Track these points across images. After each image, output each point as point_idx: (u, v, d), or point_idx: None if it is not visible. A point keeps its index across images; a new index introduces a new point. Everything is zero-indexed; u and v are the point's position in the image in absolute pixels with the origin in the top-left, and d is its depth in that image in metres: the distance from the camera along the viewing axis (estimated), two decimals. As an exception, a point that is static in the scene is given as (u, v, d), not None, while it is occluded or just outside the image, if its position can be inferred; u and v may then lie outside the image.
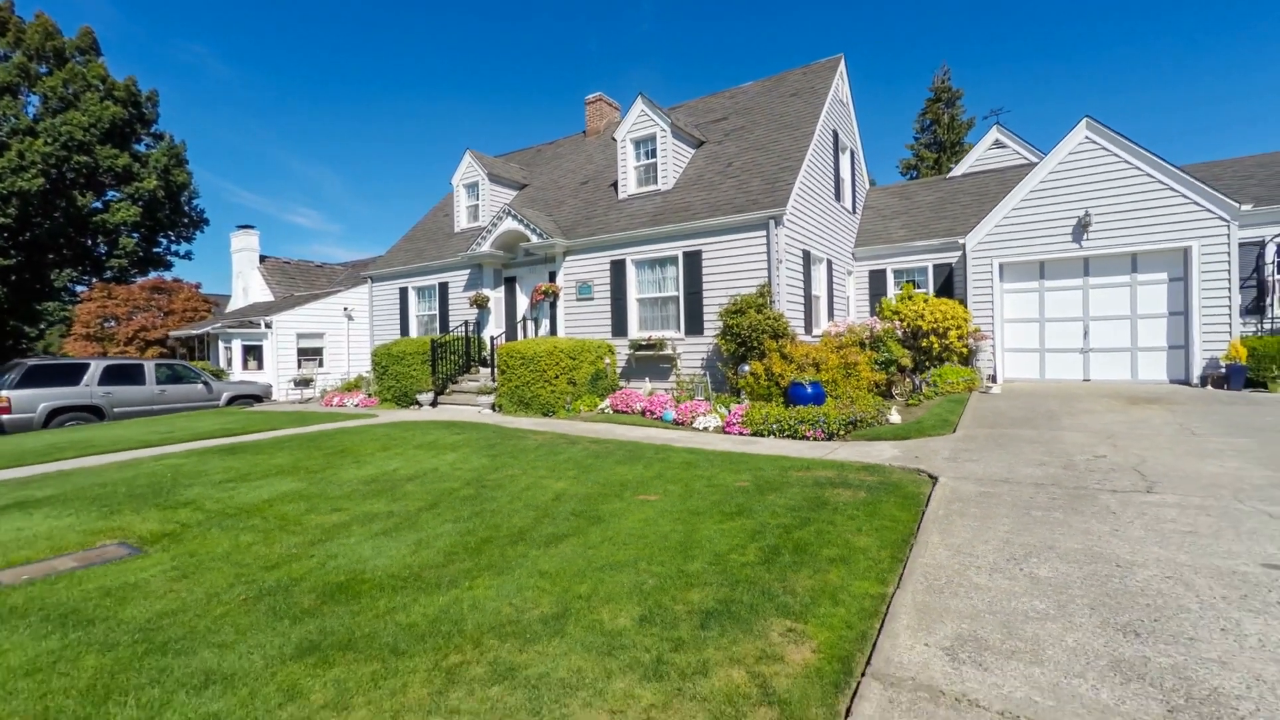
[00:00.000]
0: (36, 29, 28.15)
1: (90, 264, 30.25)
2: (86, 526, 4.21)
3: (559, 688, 2.09)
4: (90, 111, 27.47)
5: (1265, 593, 2.59)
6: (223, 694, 2.11)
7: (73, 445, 7.97)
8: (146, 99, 31.48)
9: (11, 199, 25.46)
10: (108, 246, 30.43)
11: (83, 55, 29.68)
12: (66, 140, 26.72)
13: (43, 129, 26.29)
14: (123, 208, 29.24)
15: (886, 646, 2.30)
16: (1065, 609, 2.53)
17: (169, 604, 2.88)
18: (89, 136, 27.39)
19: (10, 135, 25.92)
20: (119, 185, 29.67)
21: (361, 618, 2.68)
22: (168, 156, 31.16)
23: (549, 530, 3.81)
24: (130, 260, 30.58)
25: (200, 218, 34.64)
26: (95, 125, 27.55)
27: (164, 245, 33.31)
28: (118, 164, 28.67)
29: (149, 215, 30.59)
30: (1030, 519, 3.66)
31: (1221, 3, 54.31)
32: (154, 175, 30.08)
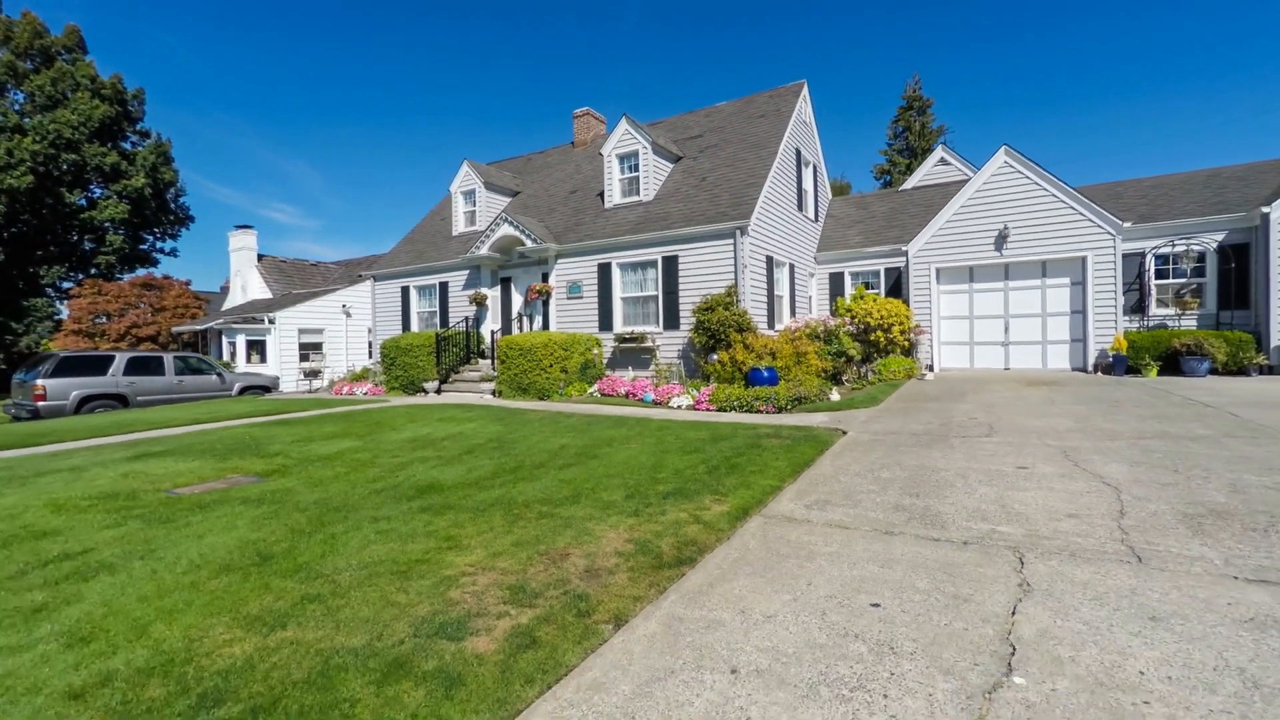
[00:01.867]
0: (25, 27, 28.81)
1: (77, 261, 30.93)
2: (211, 466, 5.73)
3: (579, 520, 3.73)
4: (80, 110, 28.23)
5: (1007, 478, 4.33)
6: (385, 525, 3.71)
7: (137, 422, 9.37)
8: (133, 97, 32.21)
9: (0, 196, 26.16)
10: (95, 243, 31.14)
11: (69, 53, 30.37)
12: (55, 138, 27.48)
13: (32, 127, 27.01)
14: (110, 205, 30.00)
15: (770, 504, 3.99)
16: (885, 488, 4.25)
17: (320, 495, 4.47)
18: (78, 135, 28.16)
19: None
20: (107, 183, 30.43)
21: (449, 499, 4.29)
22: (155, 154, 31.94)
23: (560, 463, 5.44)
24: (118, 257, 31.32)
25: (186, 215, 35.40)
26: (85, 124, 28.32)
27: (150, 242, 34.05)
28: (106, 162, 29.45)
29: (136, 212, 31.35)
30: (896, 451, 5.39)
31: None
32: (142, 173, 30.87)
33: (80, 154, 28.55)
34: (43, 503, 4.52)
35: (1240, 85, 63.48)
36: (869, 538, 3.29)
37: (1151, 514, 3.44)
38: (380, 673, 2.09)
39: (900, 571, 2.82)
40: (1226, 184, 12.29)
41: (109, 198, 30.25)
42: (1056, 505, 3.68)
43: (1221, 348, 9.95)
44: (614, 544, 3.29)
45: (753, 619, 2.42)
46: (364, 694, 1.98)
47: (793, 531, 3.45)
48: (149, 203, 32.01)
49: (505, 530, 3.59)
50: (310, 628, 2.44)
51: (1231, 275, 10.94)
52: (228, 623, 2.51)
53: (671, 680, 2.02)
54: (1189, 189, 12.61)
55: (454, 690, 1.98)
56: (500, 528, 3.63)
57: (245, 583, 2.92)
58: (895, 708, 1.81)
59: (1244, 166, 12.74)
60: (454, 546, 3.33)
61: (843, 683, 1.95)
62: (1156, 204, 12.25)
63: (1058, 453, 5.02)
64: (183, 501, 4.47)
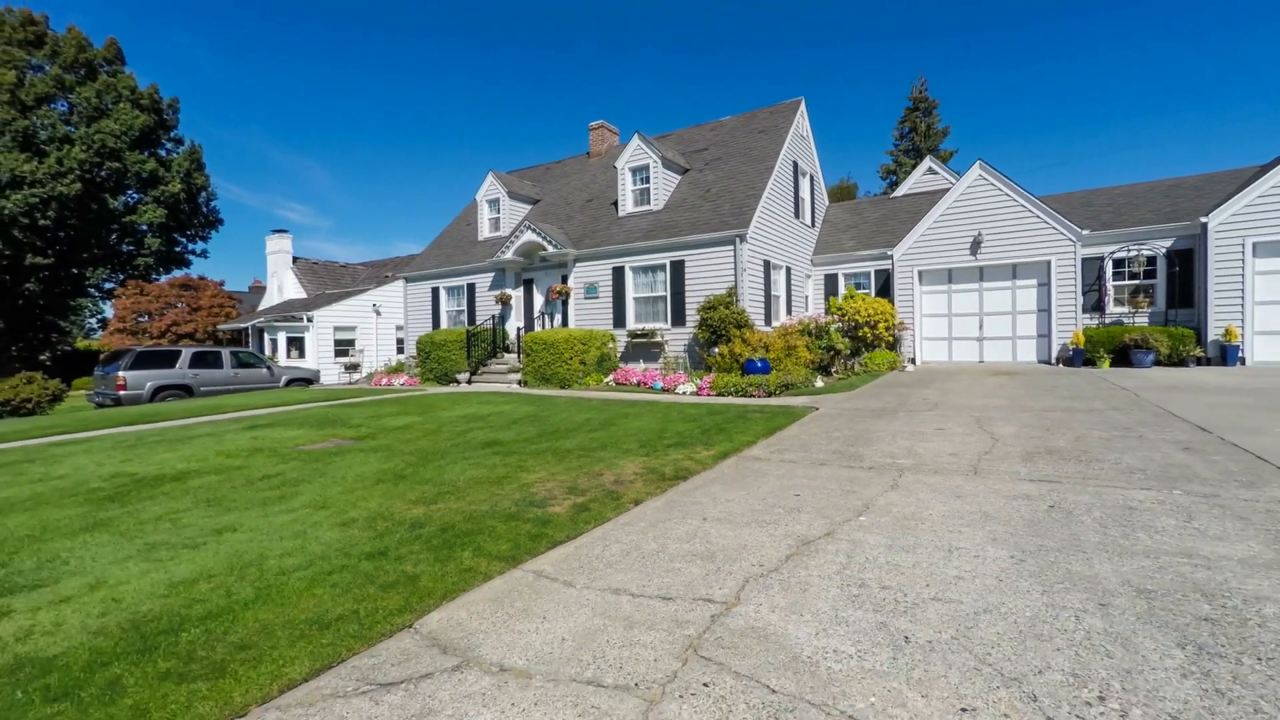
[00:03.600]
0: (69, 41, 30.92)
1: (119, 263, 33.08)
2: (314, 433, 7.42)
3: (607, 458, 5.35)
4: (121, 120, 30.30)
5: (925, 435, 5.88)
6: (471, 461, 5.35)
7: (224, 405, 11.15)
8: (168, 106, 34.30)
9: (51, 203, 28.26)
10: (134, 246, 33.27)
11: (109, 65, 32.48)
12: (100, 148, 29.58)
13: (79, 137, 29.11)
14: (149, 209, 32.09)
15: (745, 451, 5.58)
16: (831, 442, 5.82)
17: (413, 448, 6.13)
18: (120, 144, 30.24)
19: (48, 143, 28.75)
20: (145, 189, 32.51)
21: (509, 448, 5.92)
22: (189, 161, 34.03)
23: (587, 429, 7.06)
24: (155, 259, 33.46)
25: (216, 218, 37.48)
26: (126, 133, 30.40)
27: (183, 244, 36.18)
28: (145, 168, 31.54)
29: (172, 216, 33.44)
30: (851, 421, 6.96)
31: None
32: (177, 179, 32.94)
33: (122, 161, 30.65)
34: (213, 453, 6.23)
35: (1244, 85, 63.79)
36: (807, 466, 4.88)
37: (1006, 453, 5.00)
38: (503, 518, 3.72)
39: (820, 482, 4.41)
40: (1185, 194, 13.65)
41: (147, 203, 32.33)
42: (946, 449, 5.24)
43: (1164, 342, 11.37)
44: (632, 470, 4.91)
45: (719, 501, 4.02)
46: (497, 525, 3.61)
47: (756, 465, 5.05)
48: (183, 207, 34.11)
49: (556, 463, 5.22)
50: (451, 504, 4.08)
51: (1177, 277, 12.33)
52: (400, 503, 4.16)
53: (667, 522, 3.63)
54: (1152, 197, 13.98)
55: (546, 525, 3.60)
56: (552, 462, 5.26)
57: (396, 486, 4.58)
58: (791, 528, 3.41)
59: (1203, 177, 14.08)
60: (523, 470, 4.96)
61: (767, 522, 3.56)
62: (1120, 211, 13.64)
63: (974, 420, 6.57)
64: (314, 453, 6.16)
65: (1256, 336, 11.18)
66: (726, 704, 1.82)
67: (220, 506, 4.20)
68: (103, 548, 3.43)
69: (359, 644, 2.27)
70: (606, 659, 2.10)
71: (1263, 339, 11.17)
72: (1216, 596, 2.37)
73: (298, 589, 2.76)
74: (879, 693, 1.84)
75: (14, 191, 26.46)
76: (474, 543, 3.29)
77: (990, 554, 2.89)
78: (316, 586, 2.78)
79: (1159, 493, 3.73)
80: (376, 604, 2.58)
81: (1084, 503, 3.60)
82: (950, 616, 2.30)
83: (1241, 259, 11.20)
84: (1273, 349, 11.11)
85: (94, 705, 1.92)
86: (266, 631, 2.37)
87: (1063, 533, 3.12)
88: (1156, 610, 2.28)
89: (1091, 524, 3.23)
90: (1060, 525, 3.24)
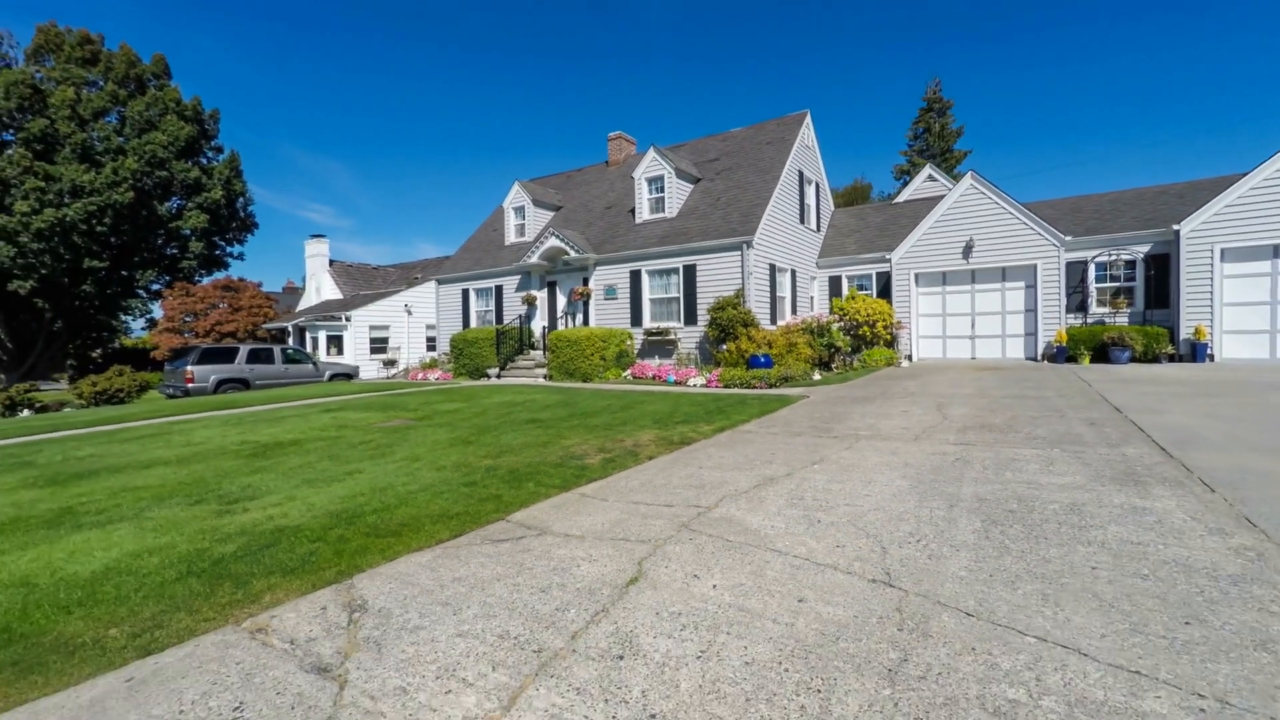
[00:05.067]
0: (121, 58, 33.18)
1: (165, 266, 35.31)
2: (379, 416, 8.90)
3: (627, 431, 6.72)
4: (169, 131, 32.45)
5: (890, 415, 7.15)
6: (519, 432, 6.76)
7: (289, 395, 12.75)
8: (210, 117, 36.47)
9: (107, 210, 30.46)
10: (178, 250, 35.48)
11: (157, 80, 34.71)
12: (150, 158, 31.75)
13: (131, 148, 31.30)
14: (193, 215, 34.22)
15: (739, 427, 6.92)
16: (811, 420, 7.12)
17: (470, 424, 7.57)
18: (167, 153, 32.38)
19: (103, 154, 30.97)
20: (189, 195, 34.68)
21: (547, 423, 7.32)
22: (229, 169, 36.15)
23: (609, 412, 8.43)
24: (198, 261, 35.63)
25: (252, 221, 39.57)
26: (173, 143, 32.54)
27: (222, 247, 38.38)
28: (190, 176, 33.67)
29: (214, 221, 35.56)
30: (834, 405, 8.23)
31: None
32: (218, 186, 35.05)
33: (169, 170, 32.78)
34: (308, 428, 7.74)
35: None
36: (785, 436, 6.20)
37: (948, 427, 6.26)
38: (552, 466, 5.11)
39: (793, 445, 5.72)
40: (1169, 201, 14.60)
41: (191, 209, 34.47)
42: (902, 424, 6.52)
43: (1139, 340, 12.40)
44: (647, 438, 6.27)
45: (712, 457, 5.37)
46: (549, 469, 4.99)
47: (746, 435, 6.38)
48: (223, 212, 36.22)
49: (586, 433, 6.60)
50: (511, 458, 5.48)
51: (1154, 280, 13.32)
52: (473, 457, 5.57)
53: (672, 469, 4.98)
54: (1139, 204, 14.96)
55: (584, 470, 4.98)
56: (583, 433, 6.64)
57: (466, 448, 6.00)
58: (762, 472, 4.74)
59: (1188, 184, 15.00)
60: (561, 438, 6.36)
61: (745, 469, 4.89)
62: (1105, 217, 14.64)
63: (936, 405, 7.82)
64: (390, 428, 7.62)
65: (1225, 335, 12.16)
66: (700, 546, 3.17)
67: (340, 460, 5.66)
68: (276, 481, 4.90)
69: (474, 525, 3.66)
70: (629, 530, 3.47)
71: (1231, 337, 12.15)
72: (1025, 501, 3.67)
73: (424, 500, 4.18)
74: (792, 540, 3.18)
75: (75, 200, 28.68)
76: (534, 478, 4.69)
77: (896, 484, 4.20)
78: (436, 499, 4.19)
79: (1041, 450, 4.99)
80: (478, 507, 3.98)
81: (982, 457, 4.88)
82: (851, 512, 3.62)
83: (1211, 263, 12.19)
84: (1240, 347, 12.09)
85: (335, 545, 3.34)
86: (415, 519, 3.78)
87: (953, 473, 4.42)
88: (982, 508, 3.58)
89: (978, 468, 4.52)
90: (955, 469, 4.53)
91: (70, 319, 32.75)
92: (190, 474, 5.29)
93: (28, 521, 4.00)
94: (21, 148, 28.16)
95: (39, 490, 4.89)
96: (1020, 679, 1.87)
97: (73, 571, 3.07)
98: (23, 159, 27.56)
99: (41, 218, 27.61)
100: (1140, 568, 2.67)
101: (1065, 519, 3.33)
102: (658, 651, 2.12)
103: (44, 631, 2.45)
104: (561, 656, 2.11)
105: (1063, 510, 3.47)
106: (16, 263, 27.99)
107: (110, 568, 3.10)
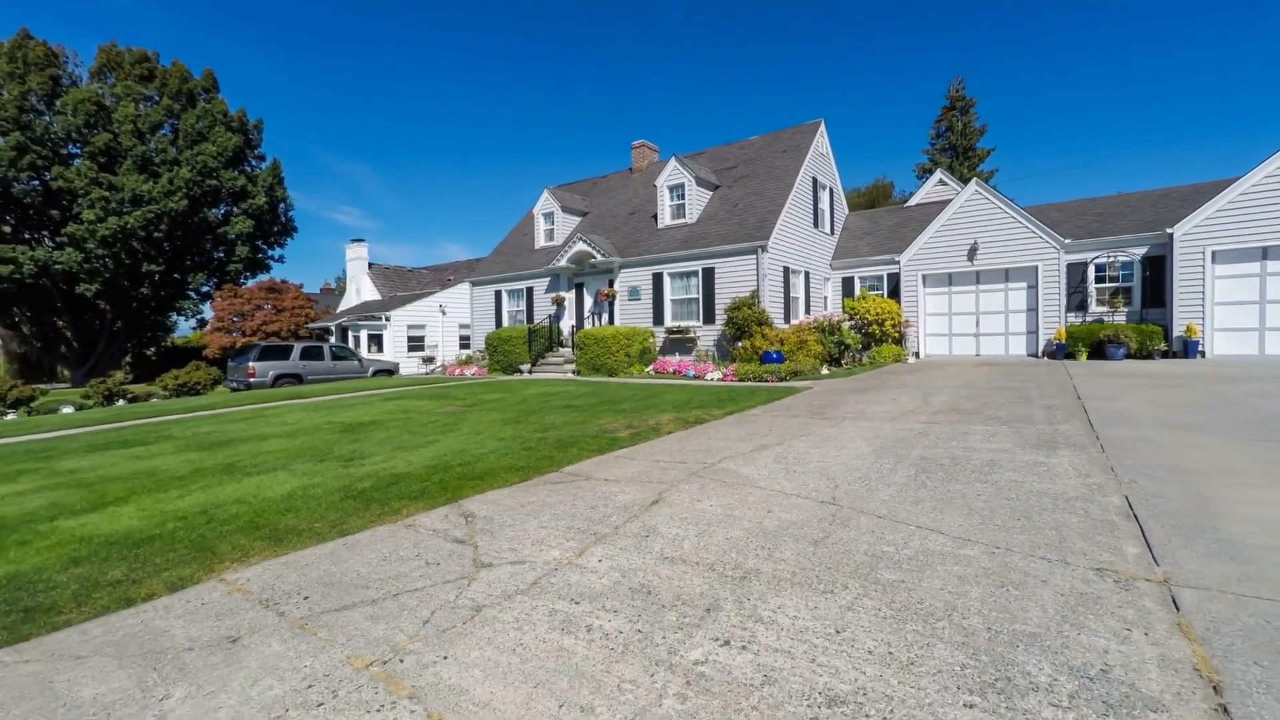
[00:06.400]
0: (174, 74, 35.55)
1: (213, 269, 37.67)
2: (434, 404, 10.29)
3: (650, 413, 7.96)
4: (218, 142, 34.69)
5: (879, 402, 8.26)
6: (558, 413, 8.06)
7: (345, 387, 14.29)
8: (254, 127, 38.73)
9: (163, 218, 32.79)
10: (225, 254, 37.80)
11: (206, 94, 37.04)
12: (201, 167, 34.02)
13: (184, 159, 33.60)
14: (239, 220, 36.46)
15: (746, 411, 8.11)
16: (809, 406, 8.27)
17: (514, 408, 8.89)
18: (216, 163, 34.64)
19: (160, 165, 33.31)
20: (236, 202, 36.95)
21: (581, 408, 8.60)
22: (271, 176, 38.34)
23: (634, 400, 9.68)
24: (243, 265, 37.92)
25: (292, 225, 41.82)
26: (221, 154, 34.79)
27: (264, 251, 40.68)
28: (236, 184, 35.90)
29: (258, 226, 37.78)
30: (833, 395, 9.35)
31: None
32: (262, 192, 37.24)
33: (218, 179, 35.02)
34: (378, 412, 9.15)
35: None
36: (785, 418, 7.37)
37: (924, 410, 7.36)
38: (589, 437, 6.38)
39: (789, 425, 6.89)
40: (1171, 204, 15.28)
41: (237, 214, 36.72)
42: (886, 409, 7.63)
43: (1133, 337, 13.20)
44: (667, 419, 7.51)
45: (720, 432, 6.57)
46: (587, 439, 6.26)
47: (751, 417, 7.57)
48: (265, 217, 38.44)
49: (616, 415, 7.86)
50: (555, 432, 6.76)
51: (1150, 281, 14.06)
52: (524, 432, 6.87)
53: (686, 440, 6.21)
54: (1141, 207, 15.66)
55: (616, 440, 6.23)
56: (613, 415, 7.90)
57: (517, 425, 7.31)
58: (758, 442, 5.94)
59: (1191, 187, 15.64)
60: (595, 418, 7.62)
61: (746, 440, 6.09)
62: (1108, 220, 15.39)
63: (923, 394, 8.89)
64: (447, 412, 8.98)
65: (1216, 333, 12.89)
66: (704, 484, 4.39)
67: (417, 433, 7.02)
68: (373, 447, 6.26)
69: (535, 473, 4.94)
70: (652, 476, 4.70)
71: (1222, 335, 12.87)
72: (956, 459, 4.81)
73: (494, 459, 5.48)
74: (771, 481, 4.39)
75: (135, 209, 30.98)
76: (576, 445, 5.96)
77: (863, 450, 5.36)
78: (503, 458, 5.49)
79: (992, 428, 6.09)
80: (537, 463, 5.26)
81: (940, 431, 6.00)
82: (820, 466, 4.80)
83: (1203, 265, 12.92)
84: (1230, 344, 12.80)
85: (438, 484, 4.64)
86: (491, 470, 5.07)
87: (911, 442, 5.56)
88: (921, 463, 4.74)
89: (932, 439, 5.65)
90: (914, 439, 5.67)
91: (129, 319, 35.25)
92: (302, 444, 6.70)
93: (207, 471, 5.41)
94: (88, 160, 30.57)
95: (195, 453, 6.34)
96: (894, 543, 3.07)
97: (268, 496, 4.43)
98: (89, 170, 29.94)
99: (106, 225, 29.95)
100: (1011, 494, 3.82)
101: (979, 469, 4.47)
102: (670, 534, 3.36)
103: (274, 524, 3.79)
104: (608, 537, 3.37)
105: (981, 465, 4.61)
106: (84, 267, 30.41)
107: (290, 494, 4.46)
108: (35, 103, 31.18)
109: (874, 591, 2.53)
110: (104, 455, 6.47)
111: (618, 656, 2.11)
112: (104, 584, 2.92)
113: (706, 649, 2.13)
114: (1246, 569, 2.58)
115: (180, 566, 3.12)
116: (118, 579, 2.98)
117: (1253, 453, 4.59)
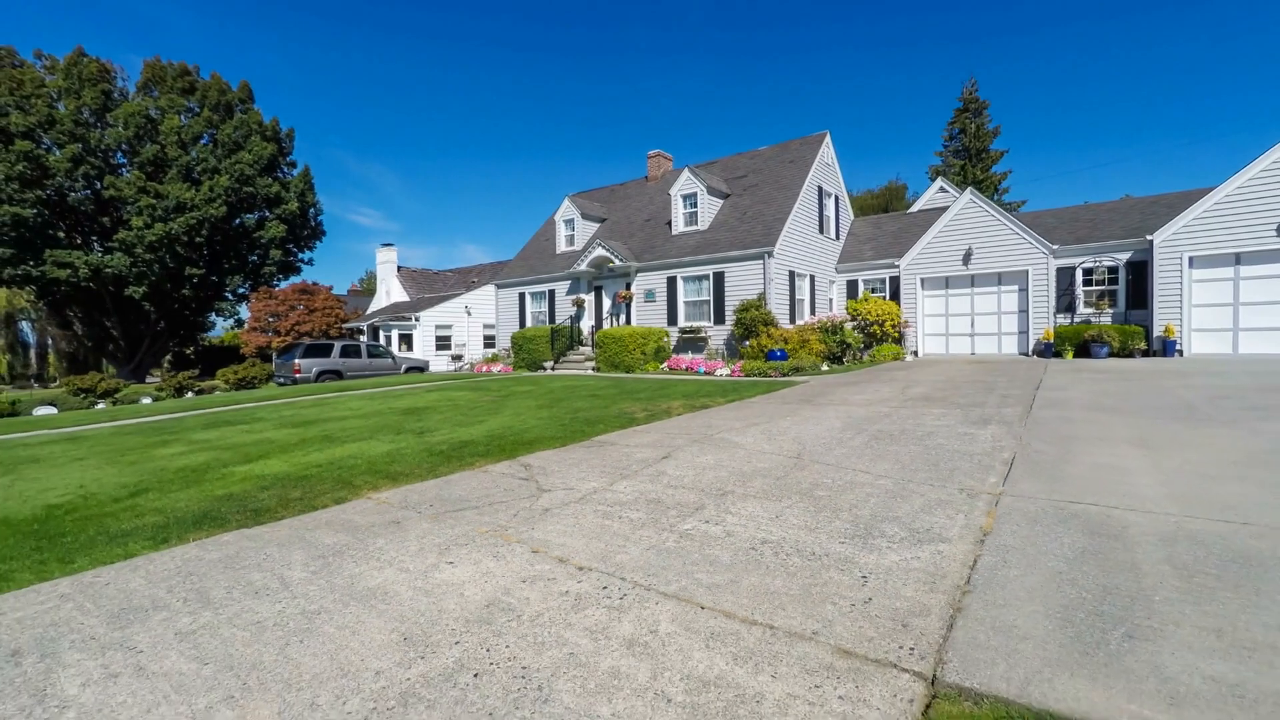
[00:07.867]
0: (213, 87, 37.69)
1: (248, 272, 39.79)
2: (472, 394, 11.74)
3: (663, 401, 9.32)
4: (254, 151, 36.75)
5: (864, 393, 9.52)
6: (583, 400, 9.45)
7: (387, 381, 15.86)
8: (286, 135, 40.81)
9: (204, 224, 34.89)
10: (259, 257, 39.91)
11: (242, 104, 39.16)
12: (238, 175, 36.10)
13: (224, 167, 35.69)
14: (273, 225, 38.53)
15: (746, 400, 9.43)
16: (802, 397, 9.56)
17: (543, 396, 10.31)
18: (252, 171, 36.71)
19: (201, 174, 35.43)
20: (270, 207, 39.03)
21: (603, 396, 9.98)
22: (302, 182, 40.38)
23: (649, 391, 11.03)
24: (276, 268, 39.99)
25: (321, 229, 43.85)
26: (257, 162, 36.85)
27: (295, 254, 42.78)
28: (270, 191, 37.95)
29: (290, 231, 39.85)
30: (825, 388, 10.61)
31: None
32: (294, 198, 39.27)
33: (254, 186, 37.08)
34: (428, 400, 10.62)
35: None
36: (778, 405, 8.67)
37: (898, 399, 8.61)
38: (612, 418, 7.75)
39: (780, 410, 8.20)
40: (1159, 210, 16.24)
41: (271, 220, 38.78)
42: (867, 398, 8.89)
43: (1117, 337, 14.24)
44: (677, 405, 8.85)
45: (722, 415, 7.90)
46: (611, 419, 7.63)
47: (749, 404, 8.89)
48: (297, 221, 40.49)
49: (633, 403, 9.22)
50: (583, 415, 8.14)
51: (1133, 284, 15.06)
52: (556, 414, 8.26)
53: (692, 420, 7.55)
54: (1130, 213, 16.64)
55: (633, 420, 7.59)
56: (631, 402, 9.26)
57: (549, 410, 8.71)
58: (751, 421, 7.27)
59: (1179, 194, 16.58)
60: (615, 405, 8.99)
61: (742, 420, 7.42)
62: (1097, 226, 16.40)
63: (903, 386, 10.12)
64: (487, 400, 10.41)
65: (1194, 333, 13.87)
66: (703, 446, 5.74)
67: (468, 415, 8.45)
68: (436, 424, 7.70)
69: (571, 441, 6.31)
70: (663, 442, 6.05)
71: (1199, 335, 13.85)
72: (905, 431, 6.09)
73: (537, 432, 6.87)
74: (755, 445, 5.72)
75: (179, 215, 33.09)
76: (602, 423, 7.33)
77: (834, 425, 6.65)
78: (544, 431, 6.88)
79: (947, 410, 7.34)
80: (571, 435, 6.64)
81: (903, 413, 7.27)
82: (796, 435, 6.12)
83: (1180, 270, 13.91)
84: (1206, 343, 13.78)
85: (498, 447, 6.05)
86: (537, 439, 6.46)
87: (877, 420, 6.84)
88: (877, 435, 6.03)
89: (894, 418, 6.92)
90: (880, 419, 6.95)
91: (171, 319, 37.47)
92: (375, 423, 8.17)
93: (312, 440, 6.88)
94: (136, 170, 32.73)
95: (292, 429, 7.84)
96: (832, 478, 4.39)
97: (371, 455, 5.87)
98: (138, 180, 32.07)
99: (153, 231, 32.06)
100: (934, 453, 5.11)
101: (919, 438, 5.76)
102: (675, 474, 4.72)
103: (387, 469, 5.22)
104: (630, 475, 4.73)
105: (922, 434, 5.90)
106: (132, 271, 32.59)
107: (389, 453, 5.90)
108: (88, 116, 33.46)
109: (806, 501, 3.87)
110: (220, 430, 8.00)
111: (639, 527, 3.47)
112: (292, 500, 4.36)
113: (693, 524, 3.49)
114: (1054, 487, 3.87)
115: (335, 491, 4.55)
116: (299, 497, 4.42)
117: (1137, 425, 5.82)
